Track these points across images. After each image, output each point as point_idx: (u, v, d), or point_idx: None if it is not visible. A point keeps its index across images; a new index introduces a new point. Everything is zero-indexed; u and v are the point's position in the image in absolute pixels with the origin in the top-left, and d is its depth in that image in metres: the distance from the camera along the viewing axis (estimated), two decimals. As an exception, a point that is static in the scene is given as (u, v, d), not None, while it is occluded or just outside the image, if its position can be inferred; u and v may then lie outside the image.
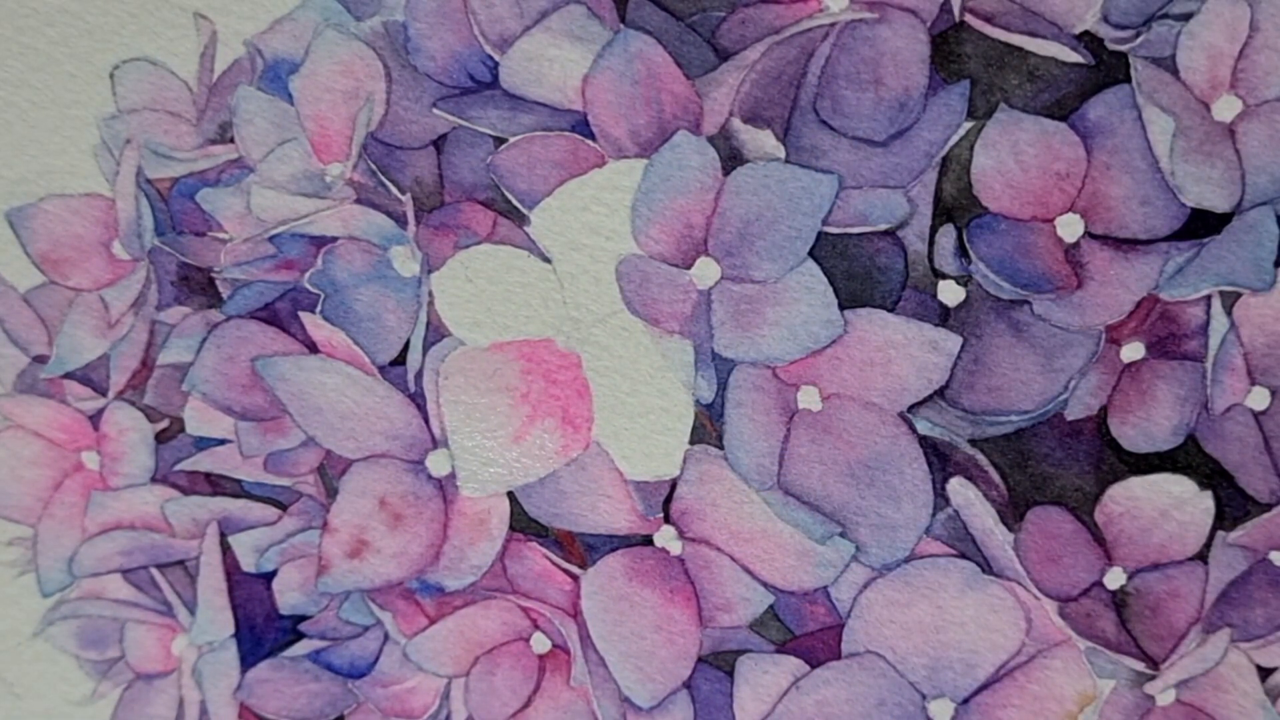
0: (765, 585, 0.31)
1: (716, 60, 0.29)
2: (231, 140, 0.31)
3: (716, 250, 0.30)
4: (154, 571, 0.33)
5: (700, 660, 0.31)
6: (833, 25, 0.29)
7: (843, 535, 0.30)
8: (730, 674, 0.31)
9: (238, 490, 0.32)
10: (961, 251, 0.29)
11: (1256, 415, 0.30)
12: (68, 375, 0.32)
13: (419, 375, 0.31)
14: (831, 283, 0.30)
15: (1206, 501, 0.29)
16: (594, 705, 0.32)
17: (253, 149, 0.31)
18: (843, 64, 0.29)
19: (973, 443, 0.30)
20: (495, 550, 0.32)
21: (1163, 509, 0.30)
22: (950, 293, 0.29)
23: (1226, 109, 0.28)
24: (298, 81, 0.31)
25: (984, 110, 0.29)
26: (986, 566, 0.30)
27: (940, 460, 0.30)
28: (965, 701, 0.29)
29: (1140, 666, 0.30)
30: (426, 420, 0.31)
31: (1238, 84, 0.28)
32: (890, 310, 0.29)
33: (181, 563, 0.33)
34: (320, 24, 0.30)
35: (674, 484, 0.31)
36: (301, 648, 0.33)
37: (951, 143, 0.29)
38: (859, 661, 0.30)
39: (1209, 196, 0.28)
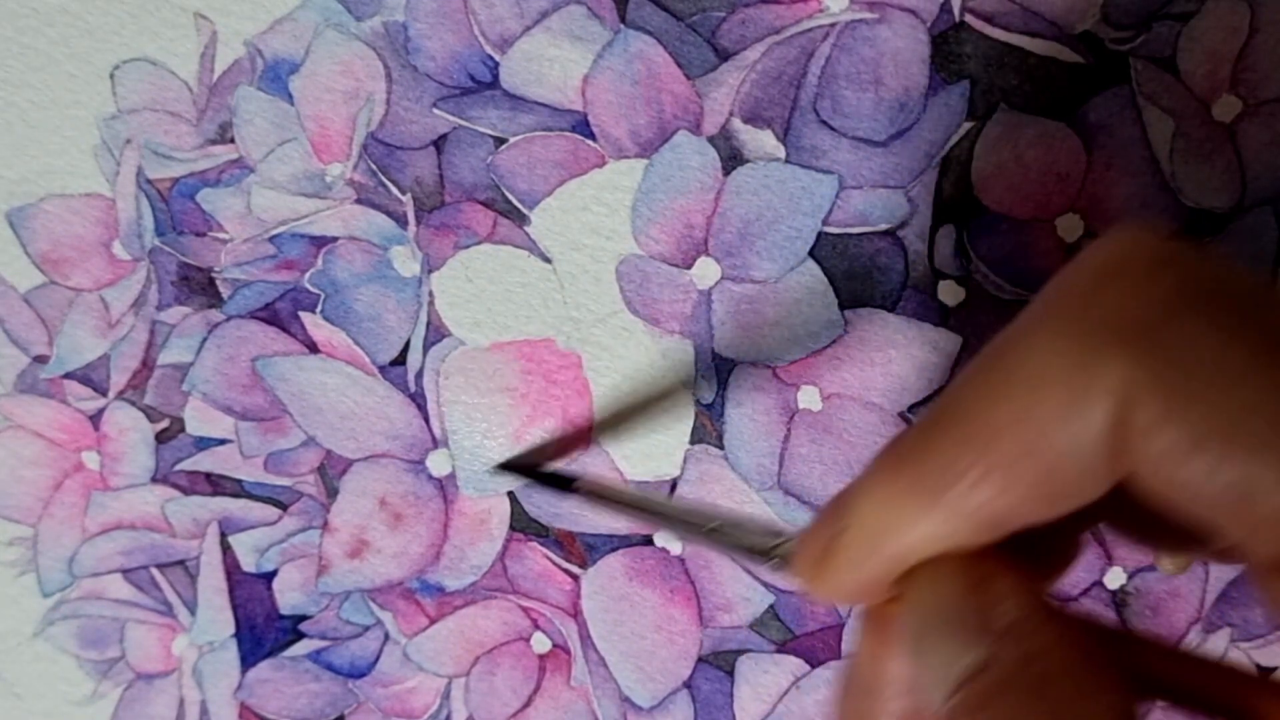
0: (765, 585, 0.31)
1: (716, 60, 0.29)
2: (231, 140, 0.31)
3: (716, 250, 0.30)
4: (154, 571, 0.33)
5: (700, 660, 0.31)
6: (833, 25, 0.29)
7: (843, 535, 0.30)
8: (730, 674, 0.31)
9: (238, 490, 0.32)
10: (961, 251, 0.29)
11: None
12: (68, 375, 0.32)
13: (419, 375, 0.31)
14: (831, 283, 0.30)
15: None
16: (594, 705, 0.32)
17: (253, 149, 0.31)
18: (843, 64, 0.29)
19: (973, 443, 0.30)
20: (495, 550, 0.32)
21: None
22: (950, 293, 0.29)
23: (1226, 109, 0.28)
24: (298, 81, 0.31)
25: (984, 110, 0.29)
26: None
27: (940, 460, 0.30)
28: (965, 701, 0.29)
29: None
30: (427, 420, 0.31)
31: (1238, 84, 0.28)
32: (890, 310, 0.29)
33: (181, 563, 0.33)
34: (320, 24, 0.30)
35: (674, 484, 0.31)
36: (301, 648, 0.33)
37: (951, 143, 0.29)
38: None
39: (1209, 197, 0.28)
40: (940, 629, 0.17)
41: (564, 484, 0.29)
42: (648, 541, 0.31)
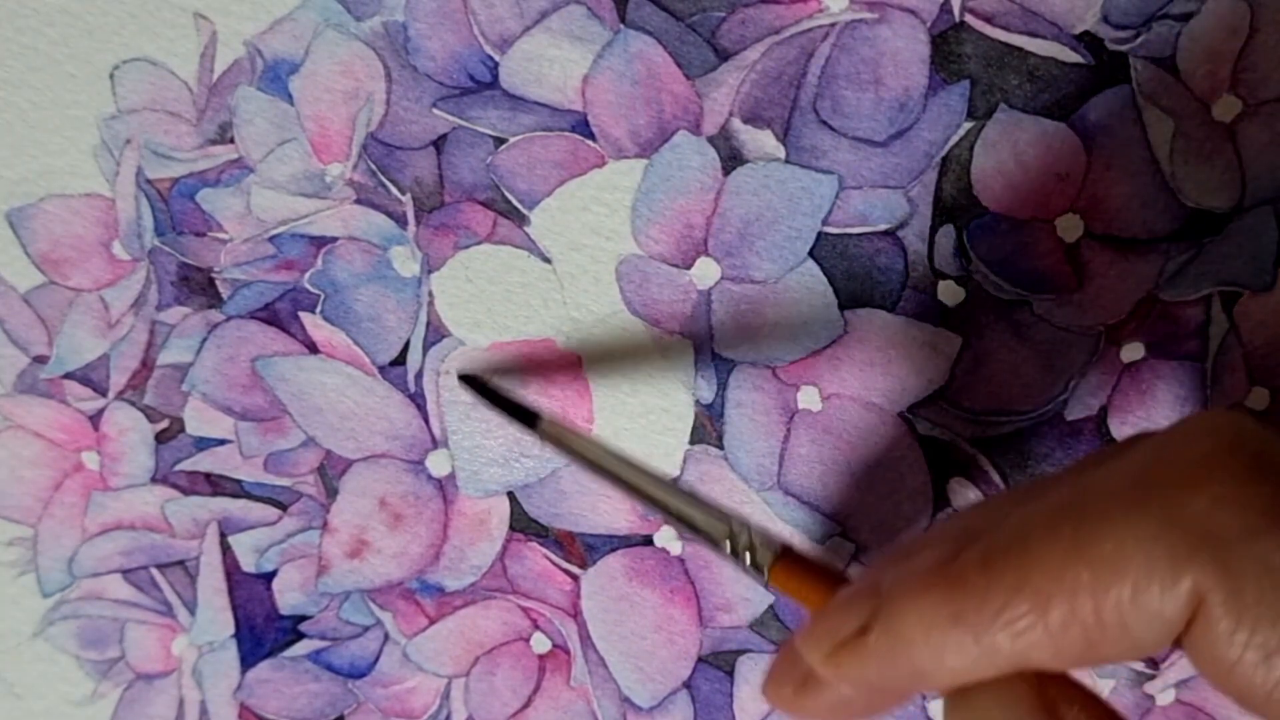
0: (766, 585, 0.31)
1: (716, 60, 0.29)
2: (231, 140, 0.31)
3: (716, 250, 0.30)
4: (154, 571, 0.33)
5: (700, 660, 0.31)
6: (833, 25, 0.29)
7: (843, 535, 0.30)
8: (730, 674, 0.31)
9: (238, 490, 0.32)
10: (961, 251, 0.29)
11: (1257, 416, 0.30)
12: (68, 375, 0.32)
13: (419, 375, 0.31)
14: (831, 283, 0.30)
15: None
16: (594, 705, 0.32)
17: (253, 149, 0.31)
18: (843, 64, 0.29)
19: (973, 443, 0.30)
20: (495, 550, 0.32)
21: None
22: (950, 293, 0.29)
23: (1226, 109, 0.28)
24: (298, 81, 0.31)
25: (984, 110, 0.29)
26: (986, 566, 0.30)
27: (940, 460, 0.30)
28: (965, 701, 0.29)
29: (1140, 666, 0.30)
30: (426, 420, 0.31)
31: (1238, 84, 0.28)
32: (890, 310, 0.29)
33: (181, 563, 0.33)
34: (320, 24, 0.30)
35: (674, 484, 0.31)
36: (301, 648, 0.33)
37: (951, 143, 0.29)
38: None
39: (1209, 197, 0.28)
40: None
41: (528, 419, 0.29)
42: (648, 541, 0.31)
